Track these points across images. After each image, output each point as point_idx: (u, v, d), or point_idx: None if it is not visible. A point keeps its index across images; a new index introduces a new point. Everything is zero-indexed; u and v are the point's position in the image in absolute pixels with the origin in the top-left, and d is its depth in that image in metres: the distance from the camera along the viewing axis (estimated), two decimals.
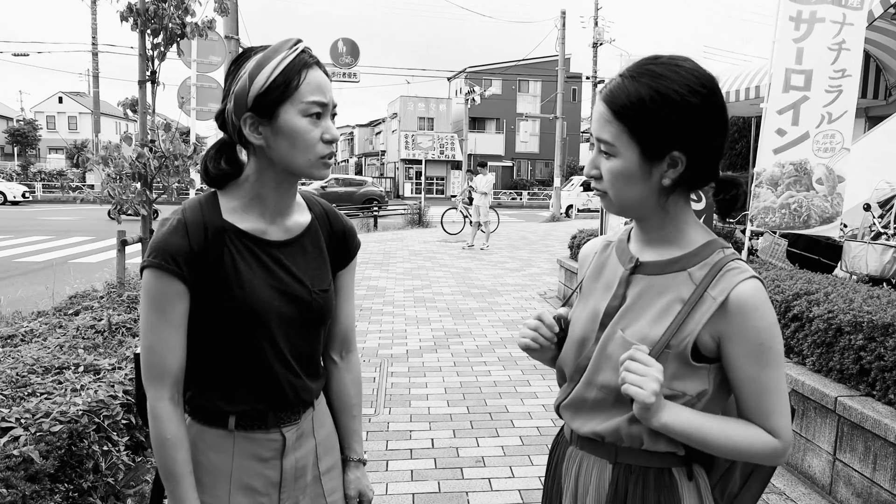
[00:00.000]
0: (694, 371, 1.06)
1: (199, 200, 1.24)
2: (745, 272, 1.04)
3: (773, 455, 1.05)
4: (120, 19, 4.73)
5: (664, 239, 1.11)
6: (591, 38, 30.73)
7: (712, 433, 1.04)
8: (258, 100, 1.14)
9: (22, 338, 3.81)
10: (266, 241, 1.25)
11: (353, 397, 1.46)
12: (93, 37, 26.77)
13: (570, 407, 1.19)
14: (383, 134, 50.21)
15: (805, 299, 3.50)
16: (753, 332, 1.02)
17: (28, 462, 2.24)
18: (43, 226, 17.64)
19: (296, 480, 1.32)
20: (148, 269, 1.17)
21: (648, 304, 1.09)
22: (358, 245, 1.43)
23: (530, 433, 3.79)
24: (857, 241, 5.65)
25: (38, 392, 2.76)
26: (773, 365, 1.04)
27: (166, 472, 1.20)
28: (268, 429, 1.27)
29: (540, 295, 8.16)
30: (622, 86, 1.04)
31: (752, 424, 1.06)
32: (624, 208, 1.10)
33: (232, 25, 9.34)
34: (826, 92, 5.18)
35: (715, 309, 1.03)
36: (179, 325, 1.19)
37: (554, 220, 22.10)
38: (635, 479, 1.10)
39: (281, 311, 1.24)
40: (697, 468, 1.12)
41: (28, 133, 46.80)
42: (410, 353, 5.48)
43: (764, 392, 1.04)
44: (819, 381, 3.20)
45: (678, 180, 1.05)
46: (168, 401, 1.19)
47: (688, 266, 1.08)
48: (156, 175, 4.90)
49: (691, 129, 1.02)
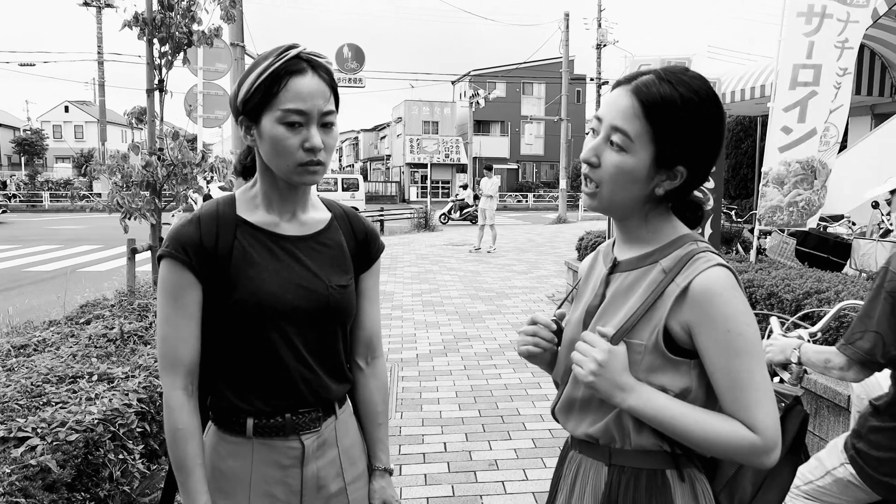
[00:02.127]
0: (674, 366, 1.05)
1: (217, 199, 1.28)
2: (710, 261, 1.03)
3: (753, 451, 1.00)
4: (122, 26, 4.74)
5: (640, 237, 1.13)
6: (595, 40, 30.75)
7: (687, 422, 1.01)
8: (244, 105, 1.19)
9: (35, 347, 3.84)
10: (280, 234, 1.26)
11: (379, 405, 1.43)
12: (98, 46, 26.98)
13: (562, 409, 1.20)
14: (388, 138, 50.33)
15: (815, 298, 3.48)
16: (720, 318, 1.00)
17: (45, 471, 2.26)
18: (51, 235, 17.75)
19: (318, 490, 1.30)
20: (162, 259, 1.21)
21: (624, 299, 1.10)
22: (381, 248, 1.41)
23: (542, 435, 3.79)
24: (865, 238, 5.62)
25: (53, 401, 2.78)
26: (743, 353, 1.00)
27: (177, 463, 1.21)
28: (286, 436, 1.26)
29: (548, 297, 8.15)
30: (658, 84, 1.02)
31: (730, 418, 1.02)
32: (611, 207, 1.10)
33: (237, 33, 9.40)
34: (834, 87, 5.17)
35: (677, 294, 1.02)
36: (192, 315, 1.20)
37: (560, 223, 22.07)
38: (627, 481, 1.09)
39: (293, 304, 1.23)
40: (692, 471, 1.10)
41: (35, 142, 47.14)
42: (420, 358, 5.48)
43: (738, 383, 1.00)
44: (831, 380, 3.18)
45: (669, 193, 1.07)
46: (181, 391, 1.21)
47: (659, 258, 1.09)
48: (164, 183, 4.93)
49: (705, 149, 1.05)
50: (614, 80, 1.18)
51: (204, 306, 1.22)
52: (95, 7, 26.31)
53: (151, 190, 4.91)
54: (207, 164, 5.17)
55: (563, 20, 24.15)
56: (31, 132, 48.72)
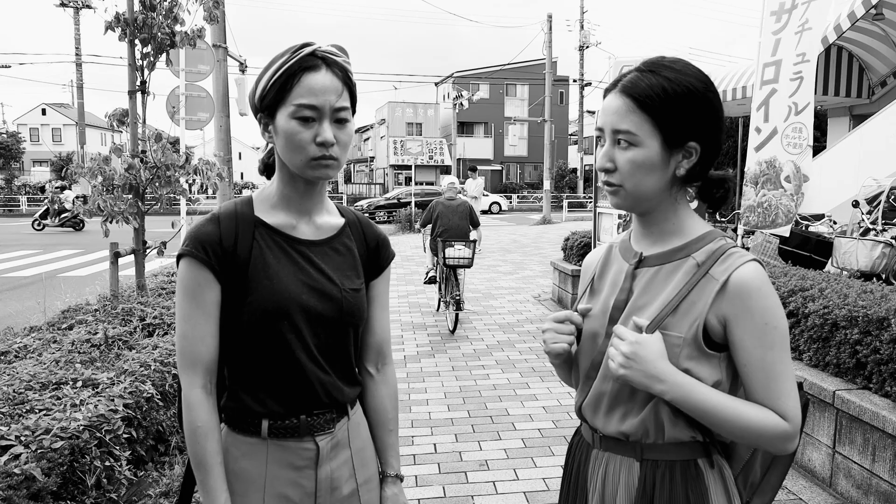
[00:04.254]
0: (707, 359, 1.08)
1: (236, 200, 1.30)
2: (745, 255, 1.08)
3: (783, 437, 1.05)
4: (104, 29, 4.68)
5: (665, 232, 1.15)
6: (578, 42, 30.95)
7: (726, 411, 1.04)
8: (261, 101, 1.22)
9: (16, 354, 3.76)
10: (296, 238, 1.28)
11: (390, 411, 1.43)
12: (76, 47, 26.56)
13: (590, 405, 1.20)
14: (372, 140, 50.19)
15: (800, 296, 3.53)
16: (758, 311, 1.04)
17: (30, 480, 2.21)
18: (29, 240, 17.44)
19: (331, 492, 1.30)
20: (182, 258, 1.22)
21: (658, 291, 1.12)
22: (391, 255, 1.43)
23: (532, 435, 3.79)
24: (846, 237, 5.71)
25: (37, 408, 2.72)
26: (777, 346, 1.05)
27: (197, 461, 1.21)
28: (301, 437, 1.26)
29: (534, 297, 8.18)
30: (643, 78, 1.08)
31: (762, 406, 1.06)
32: (638, 200, 1.12)
33: (220, 34, 9.32)
34: (790, 80, 5.14)
35: (717, 289, 1.06)
36: (211, 314, 1.22)
37: (545, 223, 22.17)
38: (662, 474, 1.11)
39: (308, 306, 1.24)
40: (718, 458, 1.13)
41: (11, 146, 46.23)
42: (408, 359, 5.47)
43: (771, 374, 1.05)
44: (817, 376, 3.23)
45: (691, 170, 1.11)
46: (200, 389, 1.22)
47: (692, 252, 1.12)
48: (147, 186, 4.86)
49: (707, 120, 1.09)
50: (604, 88, 1.22)
51: (222, 306, 1.23)
52: (73, 8, 25.91)
53: (134, 193, 4.84)
54: (191, 166, 5.11)
55: (546, 22, 24.27)
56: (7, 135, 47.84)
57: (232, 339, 1.25)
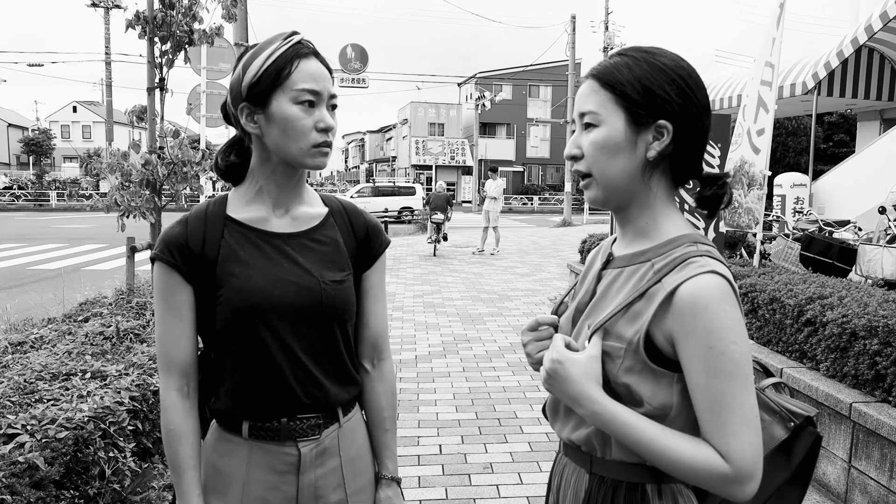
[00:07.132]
0: (654, 376, 0.97)
1: (210, 199, 1.28)
2: (704, 267, 0.94)
3: (721, 482, 0.91)
4: (126, 27, 4.76)
5: (639, 231, 1.06)
6: (602, 43, 30.63)
7: (650, 440, 0.93)
8: (251, 89, 1.17)
9: (32, 344, 3.83)
10: (269, 232, 1.25)
11: (386, 409, 1.36)
12: (106, 46, 27.14)
13: (551, 407, 1.16)
14: (394, 140, 50.38)
15: (818, 303, 3.43)
16: (701, 332, 0.91)
17: (33, 468, 2.24)
18: (57, 234, 17.83)
19: (315, 500, 1.25)
20: (153, 262, 1.23)
21: (612, 297, 1.05)
22: (384, 243, 1.36)
23: (539, 439, 3.75)
24: (872, 244, 5.56)
25: (45, 398, 2.76)
26: (725, 375, 0.91)
27: (170, 463, 1.21)
28: (282, 441, 1.22)
29: (550, 300, 8.11)
30: (610, 61, 1.05)
31: (703, 442, 0.93)
32: (608, 188, 1.04)
33: (241, 33, 9.41)
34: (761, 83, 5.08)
35: (661, 300, 0.95)
36: (184, 316, 1.21)
37: (565, 226, 22.02)
38: (605, 492, 1.04)
39: (282, 301, 1.20)
40: (677, 486, 1.02)
41: (43, 142, 47.47)
42: (419, 359, 5.45)
43: (715, 406, 0.91)
44: (833, 387, 3.13)
45: (663, 154, 1.01)
46: (175, 391, 1.21)
47: (653, 257, 1.02)
48: (164, 182, 4.92)
49: (678, 98, 1.00)
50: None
51: (196, 308, 1.21)
52: (103, 8, 26.46)
53: (151, 188, 4.90)
54: (208, 162, 5.15)
55: (570, 23, 24.13)
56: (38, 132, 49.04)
57: (210, 340, 1.24)
